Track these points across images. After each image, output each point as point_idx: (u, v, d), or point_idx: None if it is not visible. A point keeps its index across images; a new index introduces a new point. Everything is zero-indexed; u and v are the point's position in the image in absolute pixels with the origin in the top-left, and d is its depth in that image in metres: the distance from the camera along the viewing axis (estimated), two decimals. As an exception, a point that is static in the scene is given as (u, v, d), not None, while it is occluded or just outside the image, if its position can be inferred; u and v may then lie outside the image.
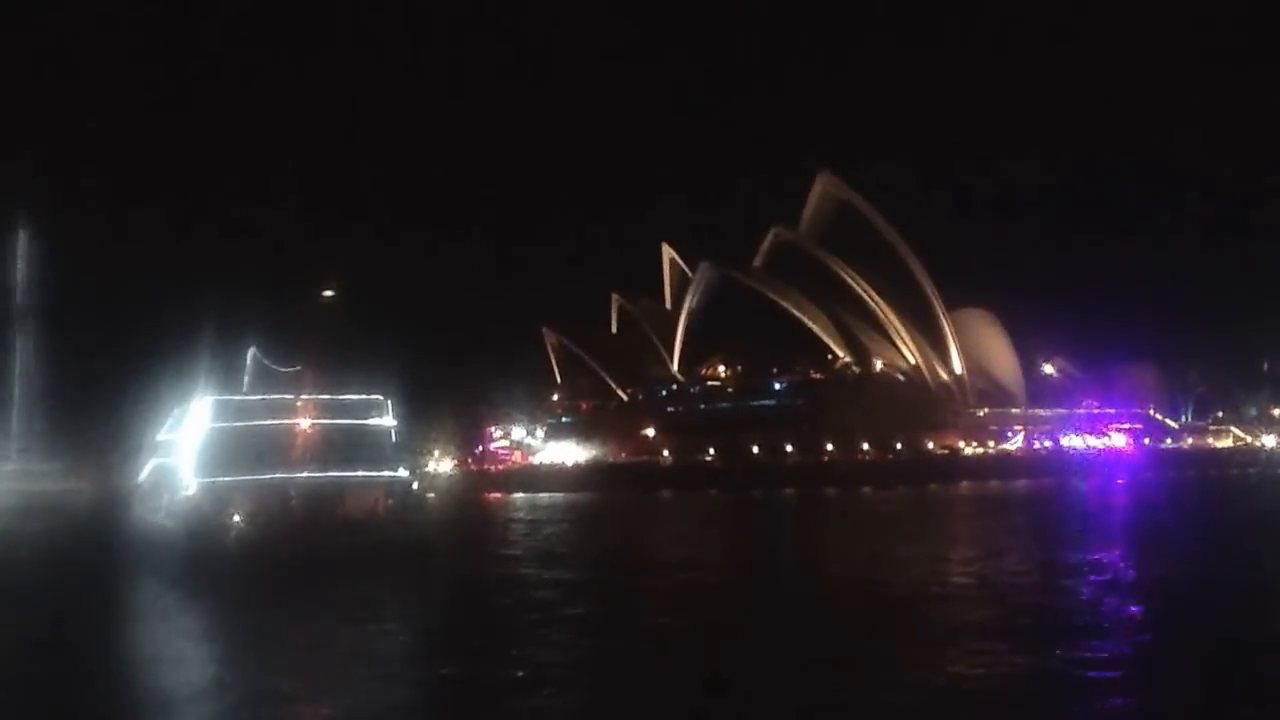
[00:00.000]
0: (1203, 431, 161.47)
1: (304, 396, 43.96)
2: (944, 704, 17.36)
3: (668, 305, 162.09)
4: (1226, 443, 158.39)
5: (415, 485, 45.64)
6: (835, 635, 23.59)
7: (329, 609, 28.74)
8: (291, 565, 34.35)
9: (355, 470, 41.31)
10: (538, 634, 24.56)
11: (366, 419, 43.70)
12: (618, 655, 22.45)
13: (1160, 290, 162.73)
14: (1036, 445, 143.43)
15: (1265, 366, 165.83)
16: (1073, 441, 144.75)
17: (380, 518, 40.48)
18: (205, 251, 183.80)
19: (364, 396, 44.30)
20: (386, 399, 44.32)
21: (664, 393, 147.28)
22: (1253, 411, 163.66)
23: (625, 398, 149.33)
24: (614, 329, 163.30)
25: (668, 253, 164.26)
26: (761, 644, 22.62)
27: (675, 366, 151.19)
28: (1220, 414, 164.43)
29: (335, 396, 44.38)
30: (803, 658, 20.75)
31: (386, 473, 41.96)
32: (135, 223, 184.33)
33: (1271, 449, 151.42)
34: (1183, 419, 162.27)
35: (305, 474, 40.58)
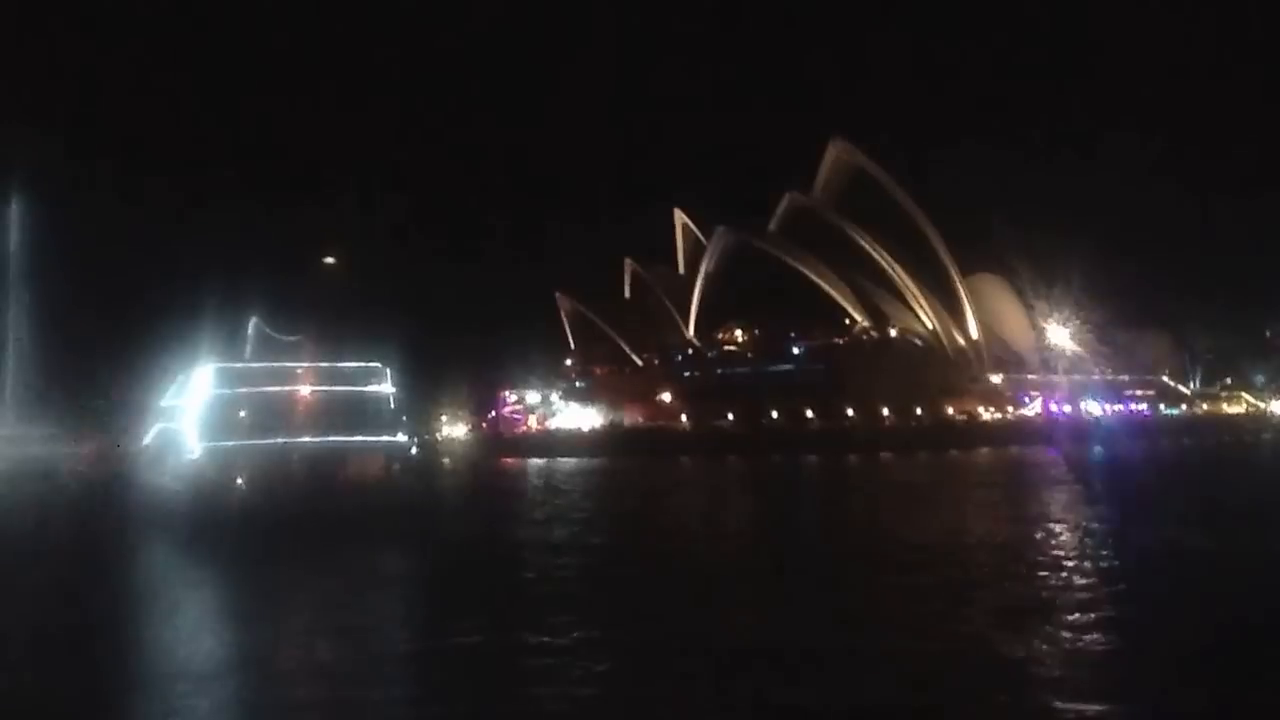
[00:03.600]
0: (1214, 398, 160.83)
1: (305, 364, 44.93)
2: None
3: (681, 271, 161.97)
4: (1238, 409, 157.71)
5: (414, 450, 46.57)
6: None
7: (324, 567, 29.70)
8: (291, 526, 35.39)
9: (354, 435, 42.15)
10: (533, 605, 23.56)
11: (366, 386, 44.35)
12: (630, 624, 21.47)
13: (1169, 255, 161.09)
14: (1054, 410, 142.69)
15: (1268, 334, 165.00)
16: (1090, 407, 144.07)
17: (378, 481, 41.38)
18: (212, 219, 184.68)
19: (363, 364, 45.04)
20: (386, 366, 44.95)
21: (680, 358, 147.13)
22: (1259, 378, 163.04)
23: (640, 363, 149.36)
24: (628, 295, 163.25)
25: (680, 218, 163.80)
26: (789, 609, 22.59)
27: (691, 332, 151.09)
28: (1229, 380, 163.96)
29: (335, 364, 45.21)
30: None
31: (385, 438, 42.74)
32: (141, 189, 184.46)
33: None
34: (1192, 385, 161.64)
35: (306, 439, 41.64)
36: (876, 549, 31.65)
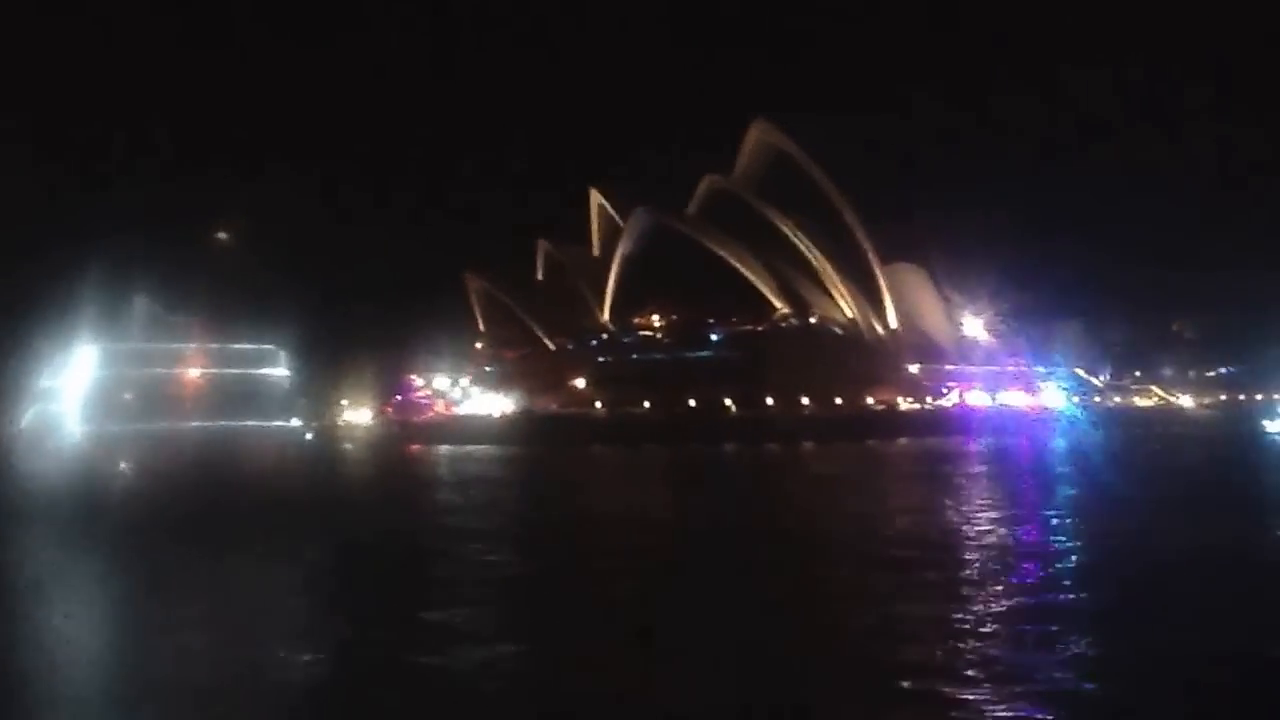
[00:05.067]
0: (1126, 390, 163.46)
1: (194, 345, 42.08)
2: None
3: (596, 253, 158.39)
4: (1149, 402, 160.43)
5: (310, 436, 44.10)
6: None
7: (209, 556, 26.86)
8: (176, 515, 33.27)
9: (245, 420, 39.63)
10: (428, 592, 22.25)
11: (259, 368, 41.44)
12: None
13: (1080, 247, 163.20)
14: (970, 401, 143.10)
15: (1174, 327, 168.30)
16: (1006, 398, 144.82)
17: (271, 467, 38.88)
18: (94, 192, 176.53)
19: (257, 346, 42.19)
20: (280, 348, 42.04)
21: (595, 343, 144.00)
22: (1167, 372, 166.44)
23: (554, 348, 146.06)
24: (541, 277, 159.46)
25: (596, 199, 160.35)
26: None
27: (606, 316, 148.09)
28: (1138, 373, 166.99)
29: (227, 345, 42.31)
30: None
31: (279, 423, 40.22)
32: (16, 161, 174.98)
33: (1189, 409, 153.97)
34: (1104, 378, 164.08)
35: (194, 424, 39.29)
36: (792, 542, 29.86)
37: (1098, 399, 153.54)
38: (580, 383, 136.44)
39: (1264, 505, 37.51)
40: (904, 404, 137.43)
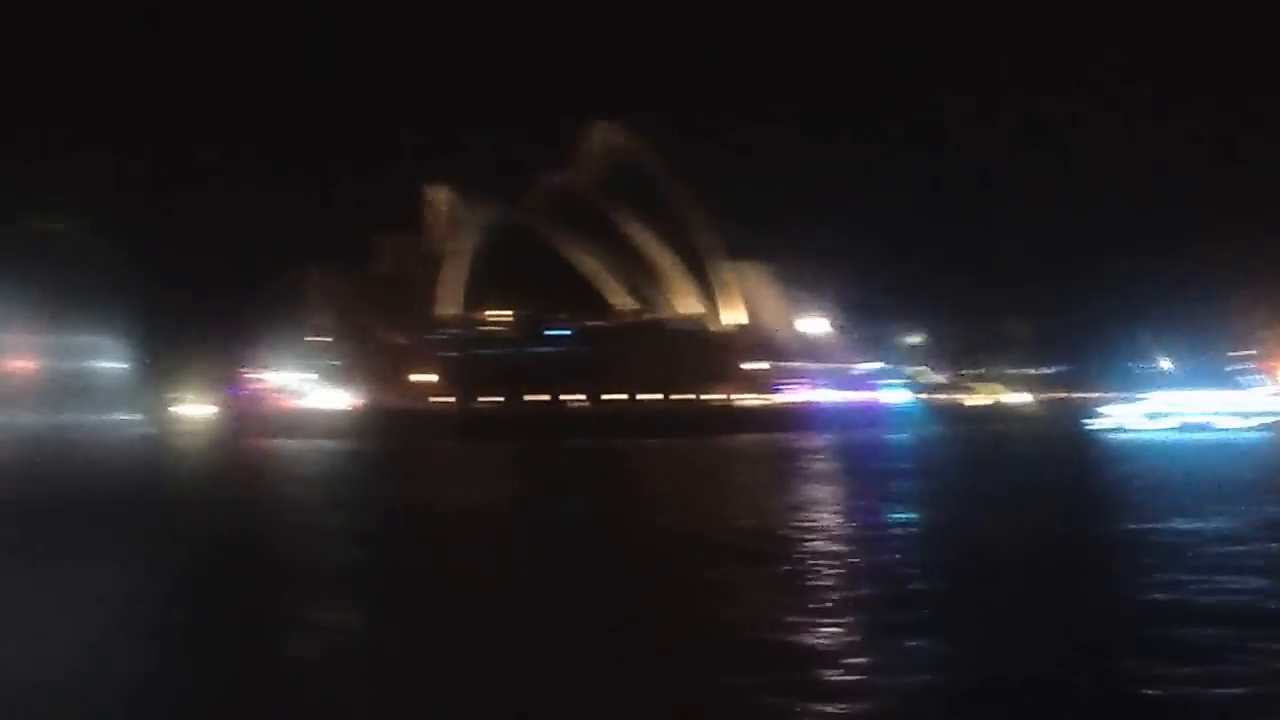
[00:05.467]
0: (964, 388, 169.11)
1: (19, 334, 39.87)
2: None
3: (437, 246, 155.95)
4: (985, 400, 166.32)
5: (147, 430, 42.29)
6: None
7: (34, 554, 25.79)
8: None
9: (78, 414, 37.85)
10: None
11: (90, 361, 39.66)
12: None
13: (923, 247, 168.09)
14: (810, 398, 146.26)
15: (1011, 327, 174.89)
16: (847, 395, 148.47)
17: (107, 463, 37.08)
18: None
19: (89, 337, 40.27)
20: (116, 340, 40.25)
21: (441, 336, 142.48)
22: (1008, 370, 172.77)
23: (396, 341, 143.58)
24: (382, 268, 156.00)
25: (436, 192, 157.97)
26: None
27: (450, 309, 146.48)
28: (981, 371, 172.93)
29: (58, 337, 40.28)
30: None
31: (113, 416, 38.55)
32: None
33: (1024, 406, 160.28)
34: (946, 376, 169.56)
35: (23, 417, 37.26)
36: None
37: (938, 396, 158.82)
38: (423, 376, 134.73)
39: (1058, 499, 40.25)
40: (745, 400, 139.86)
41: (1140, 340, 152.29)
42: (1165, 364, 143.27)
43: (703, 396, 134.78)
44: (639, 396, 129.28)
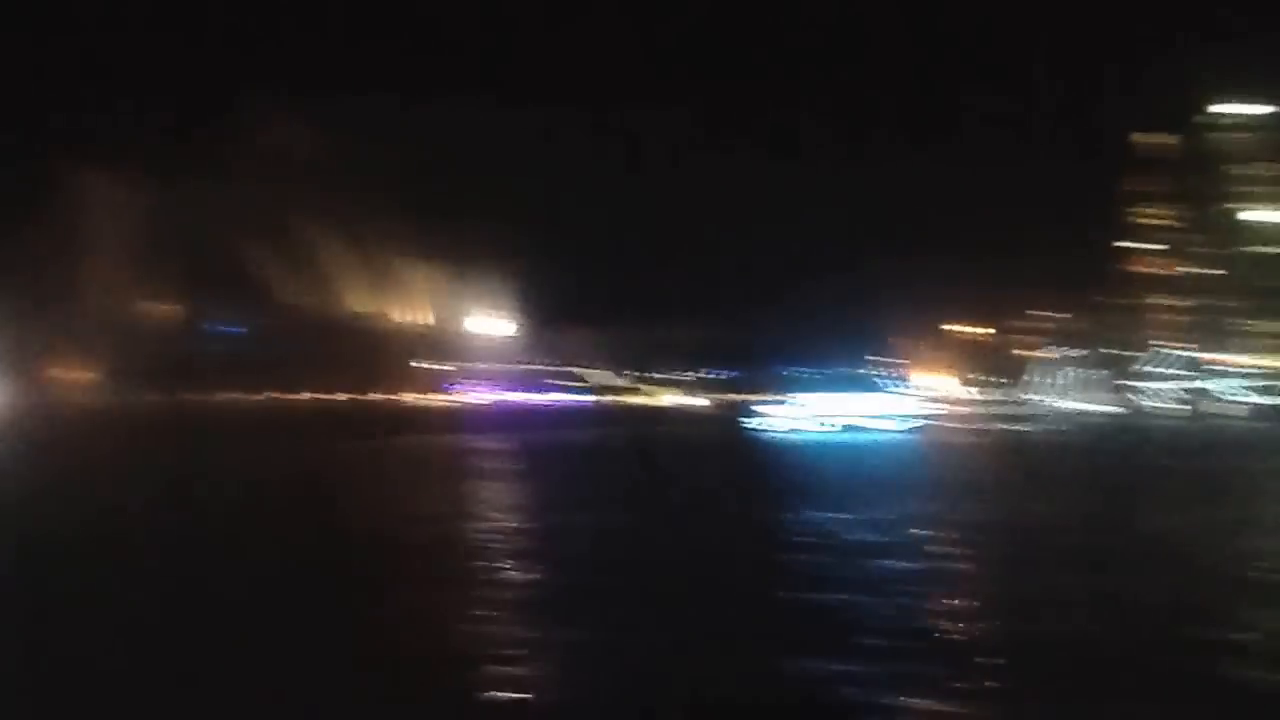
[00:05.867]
0: (641, 391, 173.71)
1: None
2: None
3: (96, 235, 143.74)
4: (661, 402, 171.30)
5: None
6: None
7: None
8: None
9: None
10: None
11: None
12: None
13: (602, 253, 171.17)
14: (483, 399, 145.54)
15: (686, 332, 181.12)
16: (522, 396, 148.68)
17: None
18: None
19: None
20: None
21: (93, 330, 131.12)
22: (683, 374, 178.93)
23: (49, 334, 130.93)
24: (31, 256, 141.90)
25: (94, 177, 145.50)
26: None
27: (107, 300, 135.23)
28: (660, 374, 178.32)
29: None
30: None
31: None
32: None
33: (697, 408, 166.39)
34: (624, 378, 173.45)
35: None
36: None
37: (616, 398, 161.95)
38: (80, 372, 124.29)
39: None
40: (420, 400, 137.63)
41: (795, 346, 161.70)
42: (813, 367, 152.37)
43: (372, 396, 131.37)
44: (306, 395, 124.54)
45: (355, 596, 20.74)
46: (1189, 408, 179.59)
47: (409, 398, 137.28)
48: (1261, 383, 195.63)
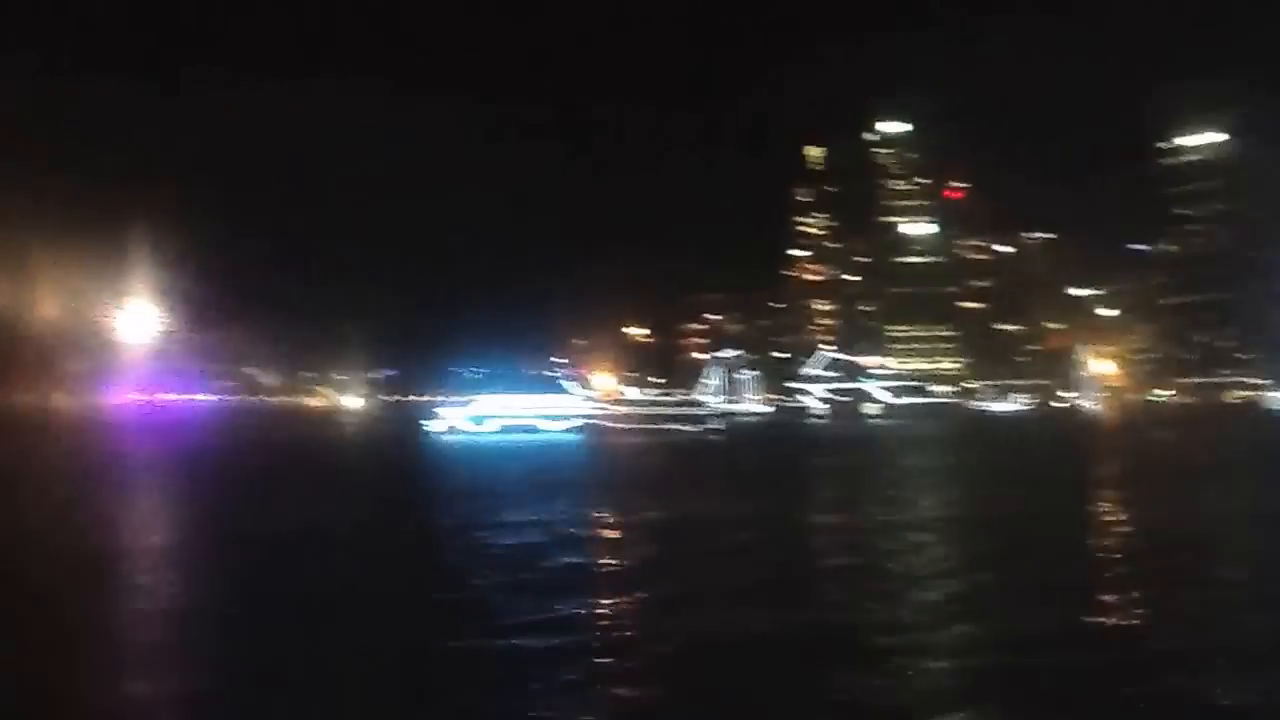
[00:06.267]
0: (302, 391, 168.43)
1: None
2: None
3: None
4: (324, 403, 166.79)
5: None
6: None
7: None
8: None
9: None
10: None
11: None
12: None
13: (278, 249, 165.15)
14: (134, 399, 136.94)
15: (348, 330, 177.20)
16: (156, 397, 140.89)
17: None
18: None
19: None
20: None
21: None
22: (342, 376, 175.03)
23: None
24: None
25: None
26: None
27: None
28: (321, 373, 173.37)
29: None
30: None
31: None
32: None
33: (361, 410, 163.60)
34: (280, 379, 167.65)
35: None
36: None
37: (272, 399, 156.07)
38: None
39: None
40: (58, 400, 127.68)
41: (470, 346, 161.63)
42: (488, 369, 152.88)
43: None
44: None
45: None
46: (832, 408, 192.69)
47: (51, 400, 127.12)
48: (897, 384, 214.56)
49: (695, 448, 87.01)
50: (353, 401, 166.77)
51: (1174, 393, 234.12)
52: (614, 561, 27.13)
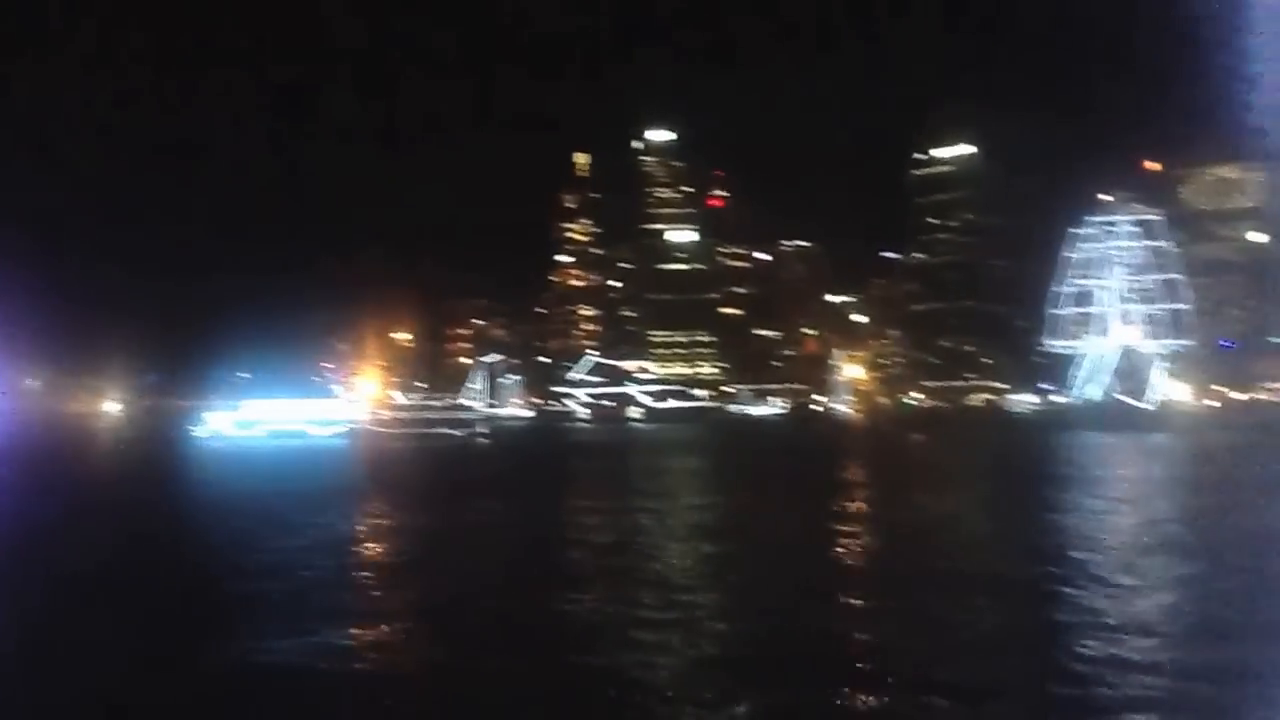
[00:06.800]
0: (53, 394, 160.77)
1: None
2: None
3: None
4: (78, 407, 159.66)
5: None
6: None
7: None
8: None
9: None
10: None
11: None
12: None
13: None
14: None
15: (109, 333, 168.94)
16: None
17: None
18: None
19: None
20: None
21: None
22: (105, 378, 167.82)
23: None
24: None
25: None
26: None
27: None
28: (74, 379, 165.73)
29: None
30: None
31: None
32: None
33: (114, 414, 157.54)
34: (37, 382, 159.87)
35: None
36: None
37: (24, 403, 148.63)
38: None
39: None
40: None
41: (234, 349, 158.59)
42: (254, 373, 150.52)
43: None
44: None
45: None
46: (594, 412, 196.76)
47: None
48: (659, 388, 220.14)
49: (459, 453, 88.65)
50: (113, 406, 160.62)
51: (923, 397, 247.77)
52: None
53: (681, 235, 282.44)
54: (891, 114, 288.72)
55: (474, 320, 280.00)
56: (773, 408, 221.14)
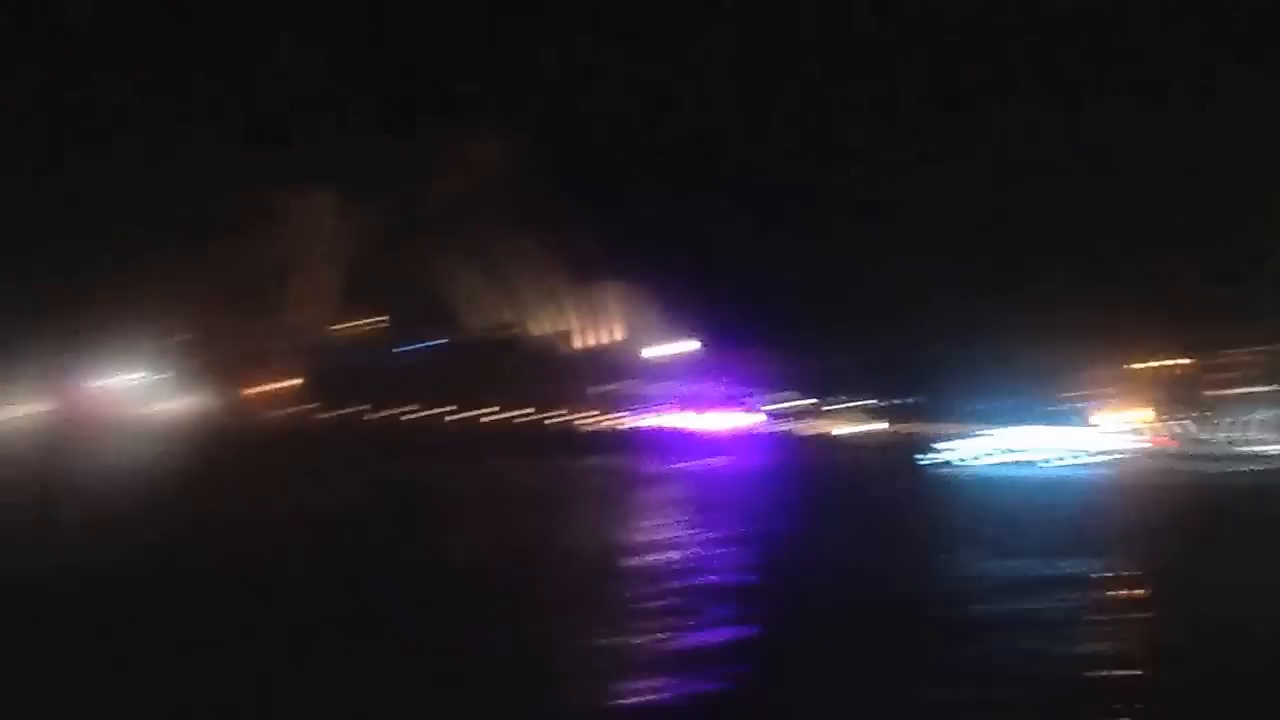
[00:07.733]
0: (825, 416, 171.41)
1: None
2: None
3: (291, 252, 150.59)
4: (847, 429, 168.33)
5: None
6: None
7: None
8: None
9: None
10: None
11: None
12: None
13: (791, 277, 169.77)
14: (665, 423, 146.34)
15: (866, 357, 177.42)
16: (705, 420, 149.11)
17: None
18: None
19: None
20: None
21: (301, 342, 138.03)
22: (863, 400, 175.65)
23: (255, 346, 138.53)
24: (232, 272, 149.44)
25: (300, 197, 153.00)
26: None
27: (312, 316, 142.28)
28: (844, 400, 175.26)
29: None
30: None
31: None
32: None
33: (880, 435, 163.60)
34: (809, 404, 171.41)
35: None
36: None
37: (799, 425, 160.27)
38: (283, 383, 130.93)
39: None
40: (605, 421, 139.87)
41: (981, 376, 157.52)
42: (1005, 400, 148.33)
43: (562, 416, 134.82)
44: (503, 412, 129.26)
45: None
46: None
47: (591, 418, 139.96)
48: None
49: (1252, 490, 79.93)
50: (872, 428, 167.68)
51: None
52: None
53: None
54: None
55: (1229, 349, 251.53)
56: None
